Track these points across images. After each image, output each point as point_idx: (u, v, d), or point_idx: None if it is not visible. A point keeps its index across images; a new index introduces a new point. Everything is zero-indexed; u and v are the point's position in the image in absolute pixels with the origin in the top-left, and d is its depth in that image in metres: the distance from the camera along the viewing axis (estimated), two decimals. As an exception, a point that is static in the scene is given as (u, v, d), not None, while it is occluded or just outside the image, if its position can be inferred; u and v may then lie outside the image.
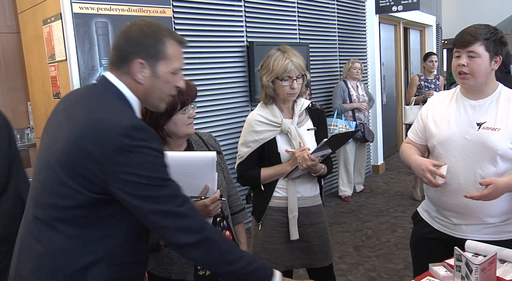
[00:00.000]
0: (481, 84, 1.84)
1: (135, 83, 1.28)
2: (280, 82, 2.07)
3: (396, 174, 6.55)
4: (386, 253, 3.81)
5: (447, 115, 1.93)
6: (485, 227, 1.88)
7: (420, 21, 8.26)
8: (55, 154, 1.20)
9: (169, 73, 1.30)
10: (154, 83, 1.29)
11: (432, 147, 1.97)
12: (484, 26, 1.83)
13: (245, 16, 4.39)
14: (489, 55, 1.79)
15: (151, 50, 1.26)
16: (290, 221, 2.13)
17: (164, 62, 1.28)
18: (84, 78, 3.17)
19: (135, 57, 1.26)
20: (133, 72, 1.27)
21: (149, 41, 1.26)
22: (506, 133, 1.78)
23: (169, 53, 1.29)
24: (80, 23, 3.11)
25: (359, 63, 5.34)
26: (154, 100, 1.33)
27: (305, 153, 2.00)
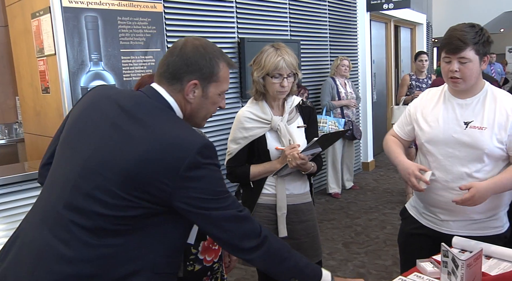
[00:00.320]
0: (471, 85, 1.86)
1: (185, 101, 1.31)
2: (270, 79, 2.07)
3: (386, 171, 6.59)
4: (375, 250, 3.84)
5: (435, 113, 1.95)
6: (472, 223, 1.90)
7: (411, 19, 8.30)
8: (113, 167, 1.18)
9: (217, 95, 1.34)
10: (202, 103, 1.33)
11: (420, 145, 1.99)
12: (469, 28, 1.81)
13: (236, 12, 4.38)
14: (479, 57, 1.81)
15: (205, 71, 1.29)
16: (278, 219, 2.13)
17: (215, 84, 1.32)
18: (73, 72, 3.15)
19: (190, 78, 1.28)
20: (186, 91, 1.29)
21: (204, 62, 1.29)
22: (493, 132, 1.80)
23: (220, 76, 1.32)
24: (70, 17, 3.08)
25: (347, 60, 5.36)
26: (199, 119, 1.37)
27: (295, 151, 2.00)
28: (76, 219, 1.18)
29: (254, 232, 1.26)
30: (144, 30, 3.52)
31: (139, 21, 3.49)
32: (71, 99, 3.15)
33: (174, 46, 1.32)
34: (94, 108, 1.30)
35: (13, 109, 4.25)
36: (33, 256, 1.20)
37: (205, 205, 1.20)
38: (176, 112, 1.30)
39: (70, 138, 1.30)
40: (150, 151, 1.16)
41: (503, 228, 1.93)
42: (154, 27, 3.58)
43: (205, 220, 1.22)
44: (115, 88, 1.42)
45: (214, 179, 1.22)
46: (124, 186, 1.16)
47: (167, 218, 1.23)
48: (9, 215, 2.57)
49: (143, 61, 3.53)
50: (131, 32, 3.44)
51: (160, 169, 1.16)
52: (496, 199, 1.86)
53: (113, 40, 3.34)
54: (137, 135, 1.19)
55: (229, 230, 1.24)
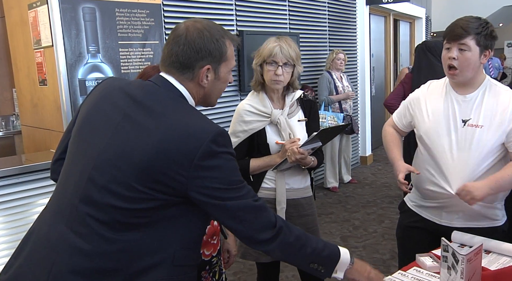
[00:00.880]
0: (469, 78, 1.86)
1: (198, 87, 1.30)
2: (266, 67, 2.06)
3: (384, 165, 6.60)
4: (373, 244, 3.85)
5: (435, 107, 1.95)
6: (470, 216, 1.91)
7: (410, 13, 8.27)
8: (127, 159, 1.16)
9: (227, 73, 1.33)
10: (215, 85, 1.32)
11: (419, 137, 2.00)
12: (475, 19, 1.83)
13: (235, 4, 4.35)
14: (479, 49, 1.81)
15: (215, 54, 1.27)
16: (278, 213, 2.12)
17: (225, 64, 1.31)
18: (71, 64, 3.12)
19: (203, 64, 1.26)
20: (200, 78, 1.28)
21: (213, 45, 1.27)
22: (490, 130, 1.81)
23: (228, 54, 1.31)
24: (67, 8, 3.05)
25: (342, 53, 5.33)
26: (213, 99, 1.37)
27: (294, 146, 1.99)
28: (92, 213, 1.17)
29: (270, 222, 1.25)
30: (142, 22, 3.49)
31: (138, 13, 3.46)
32: (69, 91, 3.12)
33: (176, 34, 1.28)
34: (105, 101, 1.29)
35: (10, 101, 4.22)
36: (50, 251, 1.19)
37: (221, 194, 1.19)
38: (188, 100, 1.29)
39: (83, 132, 1.29)
40: (163, 141, 1.15)
41: (500, 221, 1.94)
42: (152, 19, 3.54)
43: (221, 211, 1.21)
44: (125, 79, 1.37)
45: (229, 168, 1.21)
46: (140, 178, 1.15)
47: (184, 209, 1.21)
48: (6, 208, 2.56)
49: (141, 54, 3.51)
50: (129, 24, 3.41)
51: (174, 159, 1.14)
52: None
53: (111, 32, 3.31)
54: (149, 126, 1.18)
55: (245, 220, 1.22)
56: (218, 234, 1.76)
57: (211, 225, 1.71)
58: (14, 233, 2.57)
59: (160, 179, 1.15)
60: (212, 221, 1.72)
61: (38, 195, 2.66)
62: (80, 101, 3.20)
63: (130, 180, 1.15)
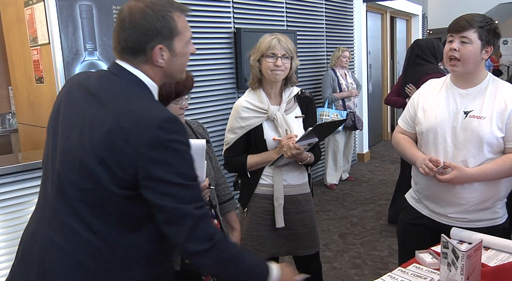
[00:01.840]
0: (470, 72, 1.87)
1: (155, 68, 1.25)
2: (265, 60, 2.06)
3: (381, 162, 6.61)
4: (371, 241, 3.85)
5: (436, 102, 1.96)
6: (469, 216, 1.91)
7: (407, 11, 8.28)
8: (87, 156, 1.14)
9: (184, 46, 1.27)
10: (173, 61, 1.26)
11: (420, 134, 2.00)
12: (481, 15, 1.86)
13: (232, 1, 4.34)
14: (481, 43, 1.82)
15: (164, 31, 1.21)
16: (275, 209, 2.12)
17: (178, 38, 1.25)
18: (67, 62, 3.10)
19: (153, 44, 1.21)
20: (154, 59, 1.23)
21: (159, 23, 1.21)
22: (491, 121, 1.82)
23: (180, 27, 1.25)
24: (64, 5, 3.03)
25: (348, 51, 5.33)
26: (177, 75, 1.32)
27: (291, 141, 1.99)
28: (67, 211, 1.17)
29: (207, 234, 1.16)
30: (139, 19, 3.47)
31: (134, 10, 3.44)
32: (66, 89, 3.11)
33: (121, 18, 1.22)
34: (67, 99, 1.27)
35: (6, 99, 4.20)
36: (36, 250, 1.20)
37: (165, 189, 1.11)
38: (147, 83, 1.24)
39: (51, 131, 1.28)
40: (112, 131, 1.11)
41: (501, 220, 1.94)
42: (149, 17, 3.53)
43: (159, 210, 1.14)
44: (87, 72, 1.33)
45: (179, 159, 1.13)
46: (101, 174, 1.13)
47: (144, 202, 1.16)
48: (3, 206, 2.54)
49: (138, 51, 3.49)
50: (126, 21, 3.40)
51: (123, 150, 1.10)
52: (490, 191, 1.88)
53: (108, 29, 3.29)
54: (101, 118, 1.15)
55: (181, 226, 1.13)
56: (218, 232, 1.75)
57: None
58: (11, 232, 2.56)
59: (118, 173, 1.12)
60: (212, 219, 1.72)
61: (35, 194, 2.63)
62: (77, 99, 3.19)
63: (92, 174, 1.13)
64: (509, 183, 1.93)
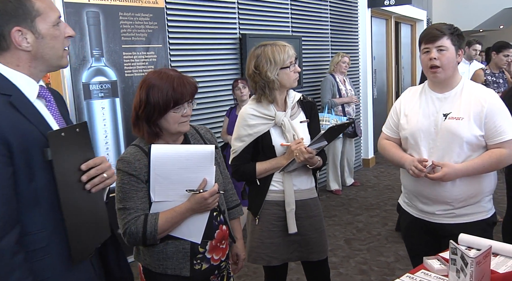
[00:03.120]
0: (449, 76, 2.00)
1: (19, 53, 1.20)
2: (286, 70, 2.07)
3: (386, 167, 6.59)
4: (377, 246, 3.84)
5: (416, 108, 2.08)
6: (455, 210, 2.01)
7: (411, 16, 8.28)
8: None
9: (51, 27, 1.23)
10: (42, 44, 1.22)
11: (404, 139, 2.11)
12: (444, 23, 2.01)
13: (238, 8, 4.36)
14: (455, 48, 1.97)
15: (19, 12, 1.17)
16: (287, 215, 2.12)
17: (40, 19, 1.21)
18: (75, 68, 3.13)
19: (9, 28, 1.17)
20: (17, 43, 1.19)
21: (11, 5, 1.17)
22: (469, 122, 1.93)
23: (39, 7, 1.21)
24: (71, 12, 3.06)
25: (347, 57, 5.33)
26: (52, 61, 1.27)
27: (301, 146, 1.99)
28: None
29: None
30: (145, 25, 3.50)
31: (141, 17, 3.47)
32: (73, 95, 3.13)
33: None
34: None
35: (13, 105, 4.22)
36: None
37: None
38: (9, 76, 1.20)
39: None
40: None
41: (487, 214, 2.05)
42: (155, 23, 3.56)
43: None
44: None
45: None
46: None
47: None
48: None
49: (144, 57, 3.52)
50: (133, 27, 3.43)
51: None
52: (475, 186, 1.99)
53: (114, 35, 3.32)
54: None
55: None
56: (226, 239, 1.75)
57: (219, 230, 1.71)
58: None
59: None
60: (221, 225, 1.72)
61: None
62: (84, 104, 3.21)
63: None
64: (492, 179, 2.04)
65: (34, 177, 1.19)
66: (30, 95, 1.24)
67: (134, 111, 1.62)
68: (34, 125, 1.21)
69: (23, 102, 1.21)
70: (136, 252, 1.71)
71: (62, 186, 1.19)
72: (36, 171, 1.20)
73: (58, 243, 1.24)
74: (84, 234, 1.28)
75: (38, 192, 1.21)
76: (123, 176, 1.58)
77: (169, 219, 1.56)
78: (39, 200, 1.21)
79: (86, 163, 1.25)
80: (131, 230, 1.56)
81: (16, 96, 1.20)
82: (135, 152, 1.61)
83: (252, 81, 2.12)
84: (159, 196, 1.59)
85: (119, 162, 1.61)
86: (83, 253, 1.29)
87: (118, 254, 1.49)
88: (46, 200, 1.22)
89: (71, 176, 1.23)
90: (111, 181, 1.33)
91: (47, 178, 1.20)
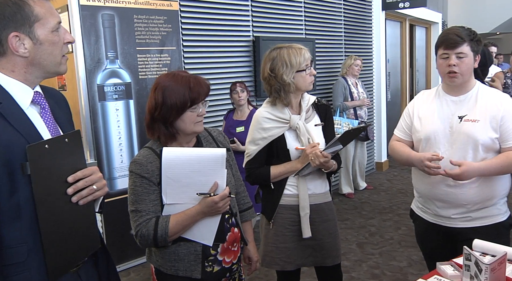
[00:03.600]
0: (465, 81, 1.99)
1: (15, 58, 1.18)
2: (302, 73, 2.07)
3: (400, 171, 6.54)
4: (390, 251, 3.81)
5: (431, 111, 2.07)
6: (472, 214, 2.00)
7: (426, 18, 8.21)
8: None
9: (50, 33, 1.21)
10: (40, 50, 1.20)
11: (418, 142, 2.10)
12: (462, 27, 1.98)
13: (251, 11, 4.37)
14: (473, 54, 1.95)
15: (17, 17, 1.15)
16: (302, 219, 2.10)
17: (39, 24, 1.19)
18: (90, 70, 3.16)
19: (7, 33, 1.15)
20: (14, 49, 1.17)
21: (8, 8, 1.15)
22: (485, 124, 1.92)
23: (38, 13, 1.18)
24: (87, 15, 3.10)
25: (360, 60, 5.31)
26: (50, 67, 1.24)
27: (316, 150, 1.98)
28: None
29: None
30: (160, 28, 3.53)
31: (155, 19, 3.50)
32: (87, 96, 3.17)
33: None
34: None
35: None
36: None
37: None
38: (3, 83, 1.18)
39: None
40: None
41: (503, 216, 2.03)
42: (170, 25, 3.58)
43: None
44: None
45: None
46: None
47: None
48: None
49: (158, 59, 3.54)
50: (147, 30, 3.45)
51: None
52: (490, 188, 1.98)
53: (129, 38, 3.35)
54: None
55: None
56: (238, 241, 1.75)
57: (231, 232, 1.71)
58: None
59: None
60: (233, 228, 1.73)
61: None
62: (99, 106, 3.24)
63: None
64: (507, 181, 2.04)
65: (16, 190, 1.15)
66: (23, 103, 1.21)
67: (149, 114, 1.63)
68: (22, 135, 1.16)
69: (12, 111, 1.18)
70: (149, 253, 1.73)
71: (41, 200, 1.14)
72: (19, 184, 1.15)
73: (37, 258, 1.19)
74: (64, 249, 1.23)
75: (21, 205, 1.15)
76: (135, 178, 1.60)
77: (180, 222, 1.57)
78: (21, 213, 1.16)
79: (73, 175, 1.21)
80: (142, 232, 1.57)
81: (6, 104, 1.17)
82: (148, 155, 1.63)
83: (267, 84, 2.12)
84: (171, 199, 1.60)
85: (132, 164, 1.62)
86: (62, 268, 1.24)
87: (108, 265, 1.46)
88: (28, 214, 1.17)
89: (55, 188, 1.18)
90: (102, 193, 1.28)
91: (30, 192, 1.14)
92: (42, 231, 1.16)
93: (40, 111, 1.27)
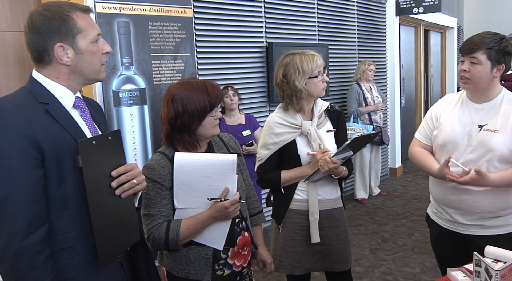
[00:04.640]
0: (482, 89, 1.95)
1: (60, 67, 1.30)
2: (314, 80, 2.08)
3: (414, 177, 6.49)
4: (403, 257, 3.78)
5: (452, 117, 2.04)
6: (486, 222, 1.97)
7: (441, 23, 8.16)
8: None
9: (90, 44, 1.32)
10: (81, 59, 1.31)
11: (436, 147, 2.08)
12: (491, 34, 1.92)
13: (264, 17, 4.40)
14: (491, 63, 1.89)
15: (62, 29, 1.27)
16: (311, 224, 2.11)
17: (81, 36, 1.30)
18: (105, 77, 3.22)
19: (53, 43, 1.27)
20: (58, 58, 1.28)
21: (55, 22, 1.27)
22: (505, 135, 1.89)
23: (80, 25, 1.30)
24: (103, 22, 3.16)
25: (373, 65, 5.30)
26: (90, 75, 1.35)
27: (326, 156, 2.00)
28: None
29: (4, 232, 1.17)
30: (174, 34, 3.58)
31: (170, 26, 3.55)
32: (103, 102, 3.22)
33: (25, 25, 1.29)
34: None
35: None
36: None
37: None
38: (51, 89, 1.30)
39: None
40: None
41: None
42: (184, 32, 3.63)
43: None
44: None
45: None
46: None
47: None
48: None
49: (172, 65, 3.59)
50: (162, 36, 3.51)
51: None
52: (505, 197, 1.94)
53: (144, 44, 3.40)
54: None
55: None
56: (248, 245, 1.77)
57: (241, 236, 1.73)
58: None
59: None
60: (243, 232, 1.75)
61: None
62: (114, 111, 3.30)
63: None
64: None
65: (64, 181, 1.25)
66: (66, 105, 1.33)
67: (169, 125, 1.65)
68: (68, 131, 1.28)
69: (58, 110, 1.29)
70: (160, 256, 1.76)
71: (91, 191, 1.24)
72: (66, 175, 1.26)
73: (84, 244, 1.29)
74: (111, 237, 1.32)
75: (68, 195, 1.27)
76: (148, 183, 1.62)
77: (190, 226, 1.60)
78: (68, 202, 1.27)
79: (116, 169, 1.32)
80: (154, 236, 1.60)
81: (53, 105, 1.29)
82: (160, 160, 1.66)
83: (280, 89, 2.14)
84: (182, 203, 1.62)
85: (145, 169, 1.65)
86: (110, 255, 1.34)
87: (147, 258, 1.53)
88: (75, 203, 1.28)
89: (101, 181, 1.29)
90: (141, 187, 1.39)
91: (77, 183, 1.26)
92: (93, 219, 1.26)
93: (81, 114, 1.38)
